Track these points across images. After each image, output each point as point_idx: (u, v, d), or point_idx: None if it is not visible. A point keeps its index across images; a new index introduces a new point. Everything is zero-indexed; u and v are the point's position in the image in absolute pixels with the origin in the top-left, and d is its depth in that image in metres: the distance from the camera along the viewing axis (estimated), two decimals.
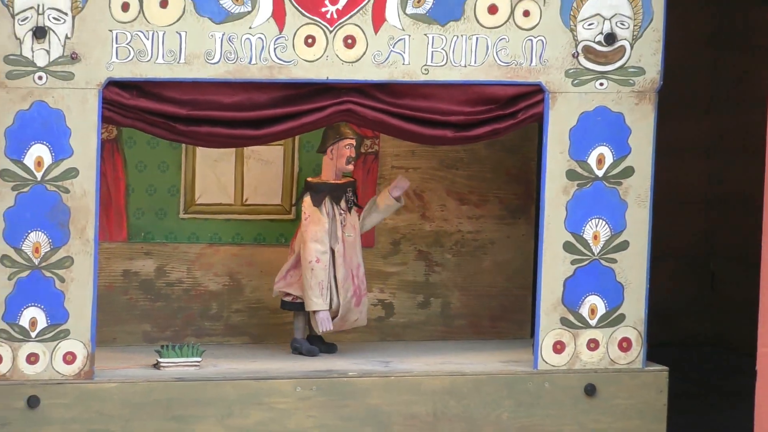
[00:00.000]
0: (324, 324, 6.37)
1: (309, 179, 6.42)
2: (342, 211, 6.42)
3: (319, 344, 6.48)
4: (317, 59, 6.13)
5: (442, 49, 6.21)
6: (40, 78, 5.91)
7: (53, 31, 5.92)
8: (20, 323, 5.98)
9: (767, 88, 6.21)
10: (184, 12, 6.00)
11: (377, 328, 6.68)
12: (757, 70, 6.30)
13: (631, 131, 6.32)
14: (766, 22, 6.22)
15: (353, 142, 6.45)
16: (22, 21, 5.88)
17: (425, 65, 6.19)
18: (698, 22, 6.97)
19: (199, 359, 6.22)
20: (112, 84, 5.99)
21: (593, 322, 6.37)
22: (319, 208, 6.37)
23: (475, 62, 6.23)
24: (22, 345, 6.00)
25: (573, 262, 6.32)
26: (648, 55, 6.31)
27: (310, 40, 6.12)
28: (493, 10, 6.18)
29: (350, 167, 6.44)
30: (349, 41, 6.14)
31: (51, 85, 5.94)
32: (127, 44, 5.98)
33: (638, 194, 6.35)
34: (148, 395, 6.08)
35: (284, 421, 6.17)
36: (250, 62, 6.10)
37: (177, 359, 6.21)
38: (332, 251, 6.42)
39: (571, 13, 6.23)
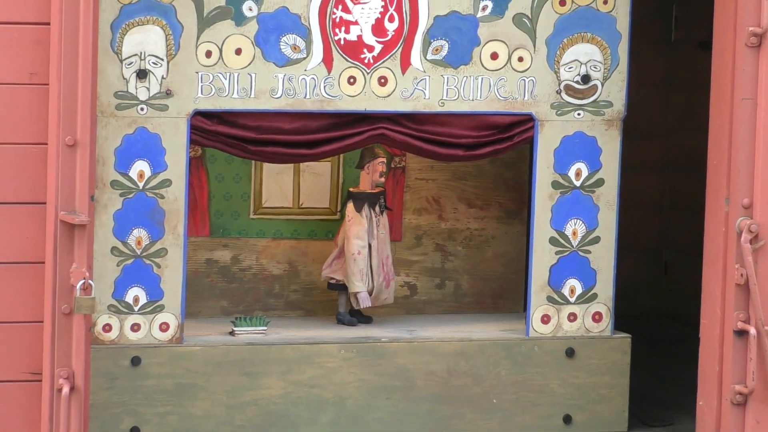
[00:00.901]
0: (364, 302, 6.37)
1: (351, 189, 6.43)
2: (376, 214, 6.39)
3: (358, 317, 6.46)
4: (357, 95, 6.14)
5: (455, 86, 6.21)
6: (142, 109, 5.94)
7: (152, 73, 5.94)
8: (126, 300, 6.02)
9: (706, 118, 6.14)
10: (254, 58, 6.03)
11: (403, 304, 6.65)
12: (699, 103, 6.24)
13: (602, 151, 6.32)
14: (705, 66, 6.06)
15: (384, 160, 6.47)
16: (128, 65, 5.91)
17: (441, 99, 6.20)
18: (654, 66, 6.87)
19: (265, 328, 6.24)
20: (198, 114, 6.01)
21: (572, 300, 6.37)
22: (359, 212, 6.36)
23: (480, 97, 6.23)
24: (127, 317, 6.03)
25: (557, 253, 6.34)
26: (615, 91, 6.30)
27: (351, 80, 6.13)
28: (494, 56, 6.21)
29: (382, 179, 6.45)
30: (383, 80, 6.15)
31: (150, 114, 5.96)
32: (210, 83, 6.01)
33: (607, 200, 6.35)
34: (225, 356, 6.11)
35: (331, 377, 6.18)
36: (305, 97, 6.10)
37: (248, 328, 6.23)
38: (369, 246, 6.43)
39: (555, 59, 6.23)
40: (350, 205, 6.43)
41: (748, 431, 5.95)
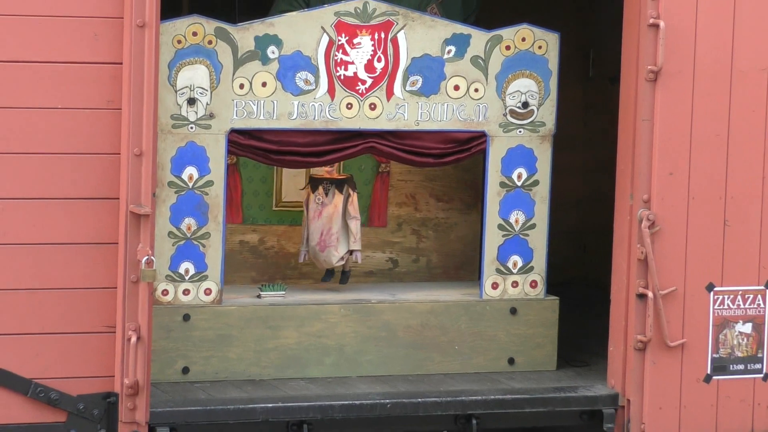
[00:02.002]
0: (299, 257, 6.37)
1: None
2: (323, 195, 6.28)
3: (330, 275, 6.40)
4: (353, 117, 6.11)
5: (427, 110, 6.18)
6: (191, 128, 5.93)
7: (199, 100, 5.92)
8: (179, 271, 6.00)
9: (615, 134, 6.10)
10: (275, 89, 6.01)
11: (388, 274, 6.58)
12: (610, 124, 6.21)
13: (538, 159, 6.29)
14: (614, 95, 6.09)
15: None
16: (181, 94, 5.90)
17: (417, 120, 6.17)
18: (576, 95, 6.91)
19: (283, 292, 6.20)
20: (233, 131, 5.99)
21: (515, 271, 6.34)
22: (312, 193, 6.32)
23: (446, 118, 6.20)
24: (180, 284, 6.01)
25: (503, 236, 6.31)
26: (547, 114, 6.27)
27: (349, 105, 6.10)
28: (456, 88, 6.18)
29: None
30: (372, 106, 6.13)
31: (198, 132, 5.94)
32: (242, 108, 5.98)
33: (542, 196, 6.32)
34: (253, 314, 6.09)
35: (333, 329, 6.16)
36: (314, 118, 6.07)
37: (270, 292, 6.19)
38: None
39: (502, 90, 6.21)
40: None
41: (646, 370, 5.98)
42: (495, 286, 6.32)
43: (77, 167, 5.46)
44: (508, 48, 6.22)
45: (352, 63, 6.10)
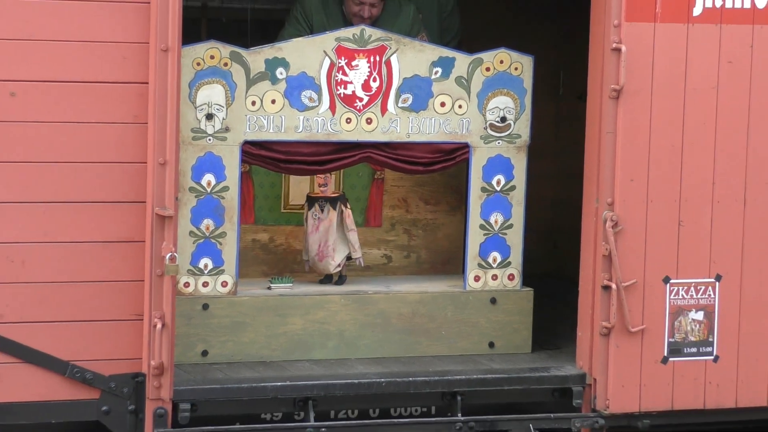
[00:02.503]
0: (305, 266, 6.31)
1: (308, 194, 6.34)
2: (320, 212, 6.25)
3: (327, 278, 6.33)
4: (352, 130, 6.10)
5: (417, 124, 6.16)
6: (209, 140, 5.92)
7: (216, 116, 5.91)
8: (199, 266, 5.99)
9: (583, 145, 6.11)
10: (283, 106, 6.01)
11: (383, 269, 6.54)
12: (578, 136, 6.16)
13: (514, 167, 6.27)
14: (582, 111, 6.07)
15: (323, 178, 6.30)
16: (200, 110, 5.89)
17: (408, 133, 6.16)
18: (548, 111, 6.89)
19: (291, 284, 6.19)
20: (246, 143, 5.98)
21: (494, 266, 6.32)
22: (309, 210, 6.27)
23: (433, 132, 6.18)
24: (200, 277, 6.00)
25: (484, 234, 6.29)
26: (523, 128, 6.26)
27: (348, 120, 6.09)
28: (443, 104, 6.17)
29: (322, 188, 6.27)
30: (369, 120, 6.11)
31: (215, 143, 5.93)
32: (254, 122, 5.97)
33: (518, 199, 6.30)
34: (264, 303, 6.08)
35: (335, 317, 6.15)
36: (317, 131, 6.06)
37: (279, 284, 6.18)
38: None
39: (483, 106, 6.20)
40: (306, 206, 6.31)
41: (610, 353, 5.97)
42: (477, 278, 6.30)
43: (108, 174, 5.47)
44: (488, 69, 6.21)
45: (351, 82, 6.09)
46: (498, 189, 6.28)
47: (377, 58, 6.09)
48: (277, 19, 6.93)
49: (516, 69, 6.23)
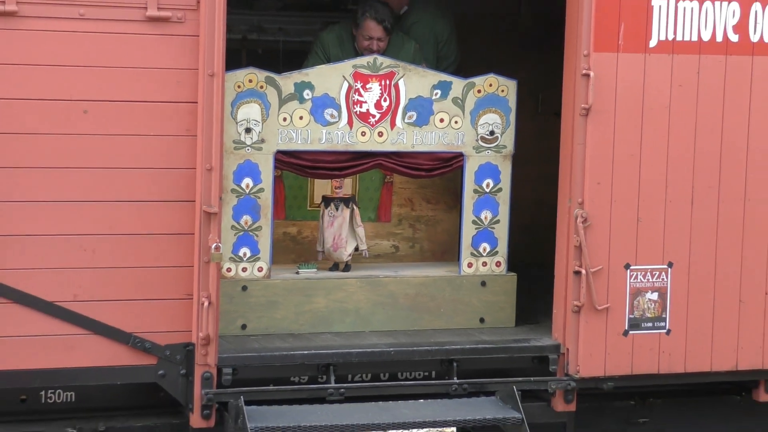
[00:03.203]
0: (317, 256, 6.23)
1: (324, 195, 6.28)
2: (335, 209, 6.19)
3: (343, 265, 6.25)
4: (366, 141, 6.09)
5: (420, 137, 6.14)
6: (247, 149, 5.91)
7: (254, 130, 5.90)
8: (239, 254, 5.97)
9: (558, 155, 6.04)
10: (309, 122, 5.98)
11: (392, 257, 6.49)
12: (554, 146, 6.10)
13: (501, 172, 6.25)
14: (557, 126, 6.01)
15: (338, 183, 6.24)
16: (240, 125, 5.89)
17: (413, 144, 6.14)
18: (529, 126, 6.73)
19: (315, 270, 6.18)
20: (279, 152, 5.97)
21: (484, 254, 6.29)
22: (326, 208, 6.21)
23: (434, 143, 6.16)
24: (240, 263, 5.97)
25: (476, 228, 6.26)
26: (508, 140, 6.24)
27: (363, 133, 6.08)
28: (441, 120, 6.14)
29: (338, 189, 6.21)
30: (380, 133, 6.10)
31: (252, 152, 5.92)
32: (285, 135, 5.97)
33: (504, 199, 6.27)
34: (293, 285, 6.06)
35: (352, 297, 6.12)
36: (338, 142, 6.05)
37: (306, 270, 6.16)
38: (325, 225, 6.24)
39: (475, 122, 6.18)
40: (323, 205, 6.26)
41: (580, 327, 5.96)
42: (470, 265, 6.28)
43: (164, 178, 5.47)
44: (479, 91, 6.19)
45: (365, 102, 6.07)
46: (487, 191, 6.26)
47: (387, 82, 6.08)
48: (302, 50, 6.94)
49: (502, 91, 6.22)
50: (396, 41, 6.60)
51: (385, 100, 6.09)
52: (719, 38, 5.95)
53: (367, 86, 6.06)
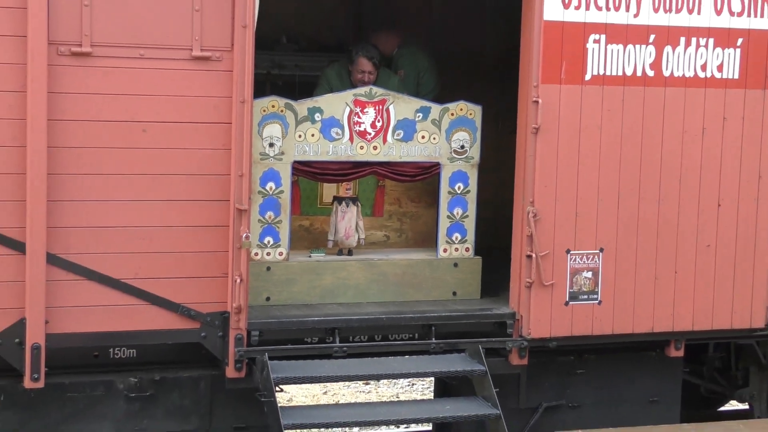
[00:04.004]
0: (328, 244, 6.14)
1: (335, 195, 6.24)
2: (345, 207, 6.15)
3: (346, 251, 6.19)
4: (364, 153, 6.07)
5: (406, 150, 6.12)
6: (271, 160, 5.92)
7: (276, 144, 5.91)
8: (264, 242, 5.95)
9: (514, 164, 5.98)
10: (319, 138, 5.99)
11: (384, 244, 6.44)
12: (511, 157, 6.06)
13: (469, 178, 6.24)
14: (513, 141, 5.96)
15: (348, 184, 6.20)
16: (265, 140, 5.90)
17: (401, 155, 6.12)
18: (491, 141, 6.60)
19: (324, 254, 6.14)
20: (295, 162, 5.98)
21: (456, 242, 6.26)
22: (339, 205, 6.16)
23: (417, 155, 6.15)
24: (265, 249, 5.95)
25: (449, 222, 6.23)
26: (475, 153, 6.22)
27: (361, 147, 6.07)
28: (423, 137, 6.13)
29: (348, 191, 6.16)
30: (375, 147, 6.09)
31: (275, 162, 5.92)
32: (300, 149, 5.97)
33: (472, 199, 6.25)
34: (307, 265, 6.05)
35: (353, 275, 6.10)
36: (341, 154, 6.04)
37: (317, 254, 6.14)
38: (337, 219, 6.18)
39: (449, 138, 6.17)
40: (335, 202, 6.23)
41: (531, 298, 5.96)
42: (445, 250, 6.26)
43: (206, 182, 5.48)
44: (452, 114, 6.19)
45: (363, 122, 6.07)
46: (459, 192, 6.26)
47: (380, 107, 6.08)
48: (312, 82, 6.90)
49: (471, 114, 6.22)
50: (383, 75, 6.60)
51: (378, 121, 6.09)
52: (639, 73, 5.96)
53: (365, 110, 6.06)
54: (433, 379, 6.61)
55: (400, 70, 6.81)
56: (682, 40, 5.95)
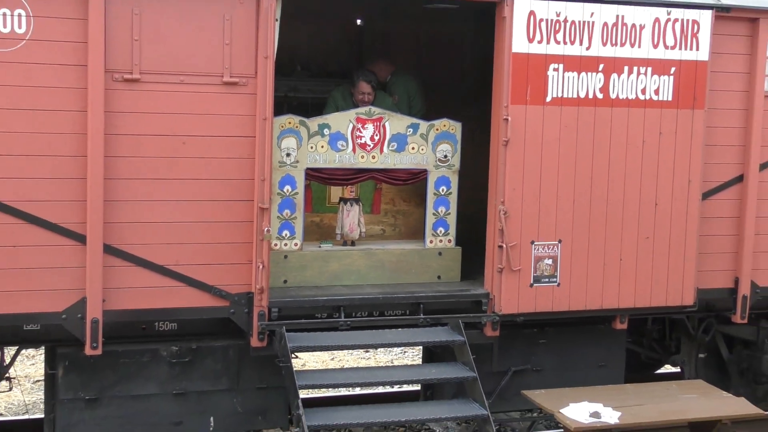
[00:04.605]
0: (336, 237, 6.13)
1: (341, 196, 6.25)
2: (350, 206, 6.13)
3: (350, 242, 6.16)
4: (364, 162, 6.08)
5: (400, 159, 6.14)
6: (287, 167, 5.92)
7: (291, 154, 5.90)
8: (282, 235, 5.95)
9: (488, 172, 5.95)
10: (327, 149, 6.00)
11: (381, 237, 6.42)
12: (486, 166, 5.98)
13: (451, 182, 6.24)
14: (487, 152, 5.89)
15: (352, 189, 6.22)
16: (283, 151, 5.89)
17: (395, 163, 6.13)
18: (469, 151, 6.45)
19: (331, 245, 6.13)
20: (308, 169, 5.99)
21: (441, 235, 6.26)
22: (344, 205, 6.15)
23: (408, 163, 6.16)
24: (283, 240, 5.96)
25: (435, 218, 6.23)
26: (456, 161, 6.22)
27: (362, 156, 6.08)
28: (413, 148, 6.15)
29: (352, 194, 6.14)
30: (373, 157, 6.10)
31: (291, 169, 5.94)
32: (312, 158, 5.97)
33: (453, 199, 6.25)
34: (317, 255, 6.05)
35: (355, 262, 6.10)
36: (345, 163, 6.04)
37: (326, 245, 6.12)
38: (343, 216, 6.19)
39: (435, 149, 6.17)
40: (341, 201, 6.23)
41: (502, 281, 5.98)
42: (431, 241, 6.28)
43: (234, 185, 5.50)
44: (437, 129, 6.21)
45: (364, 136, 6.08)
46: (442, 194, 6.28)
47: (378, 123, 6.10)
48: (321, 103, 6.88)
49: (452, 129, 6.24)
50: (380, 96, 6.63)
51: (376, 135, 6.11)
52: (590, 96, 5.99)
53: (365, 126, 6.08)
54: (421, 347, 6.62)
55: (395, 95, 6.86)
56: (626, 68, 6.00)
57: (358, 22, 7.56)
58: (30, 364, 8.12)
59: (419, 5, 6.80)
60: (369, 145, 6.09)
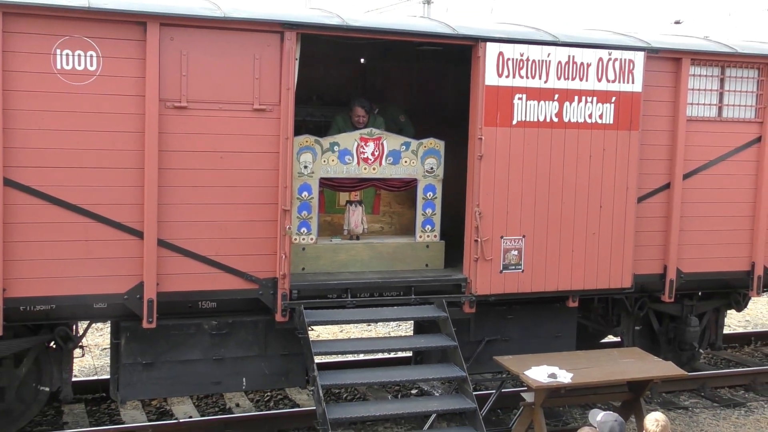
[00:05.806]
0: (344, 232, 6.09)
1: (347, 200, 6.23)
2: (354, 207, 6.10)
3: (355, 237, 6.14)
4: (367, 173, 6.07)
5: (396, 170, 6.13)
6: (305, 177, 5.90)
7: (308, 166, 5.88)
8: (300, 231, 5.93)
9: (466, 181, 5.86)
10: (337, 163, 6.00)
11: (380, 232, 6.40)
12: (463, 176, 5.91)
13: (436, 189, 6.24)
14: (465, 165, 5.80)
15: (357, 196, 6.19)
16: (301, 164, 5.87)
17: (391, 174, 6.12)
18: (452, 164, 6.36)
19: (340, 240, 6.11)
20: (321, 179, 5.98)
21: (428, 231, 6.26)
22: (350, 206, 6.12)
23: (402, 174, 6.15)
24: (301, 235, 5.95)
25: (423, 218, 6.23)
26: (440, 172, 6.21)
27: (365, 168, 6.07)
28: (406, 162, 6.14)
29: (356, 198, 6.11)
30: (374, 168, 6.09)
31: (307, 178, 5.93)
32: (325, 170, 5.95)
33: (438, 203, 6.25)
34: (329, 247, 6.05)
35: (359, 254, 6.10)
36: (352, 174, 6.05)
37: (336, 240, 6.10)
38: (349, 215, 6.17)
39: (423, 162, 6.18)
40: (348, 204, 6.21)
41: (477, 268, 5.95)
42: (421, 236, 6.28)
43: (262, 191, 5.50)
44: (425, 147, 6.21)
45: (366, 152, 6.08)
46: (429, 198, 6.27)
47: (378, 142, 6.11)
48: (330, 125, 6.86)
49: (437, 146, 6.25)
50: (372, 119, 6.57)
51: (376, 151, 6.12)
52: (548, 120, 6.01)
53: (367, 144, 6.09)
54: (412, 322, 6.61)
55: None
56: (576, 98, 6.03)
57: (362, 61, 7.57)
58: (99, 335, 8.28)
59: (413, 48, 6.83)
60: (370, 159, 6.11)
